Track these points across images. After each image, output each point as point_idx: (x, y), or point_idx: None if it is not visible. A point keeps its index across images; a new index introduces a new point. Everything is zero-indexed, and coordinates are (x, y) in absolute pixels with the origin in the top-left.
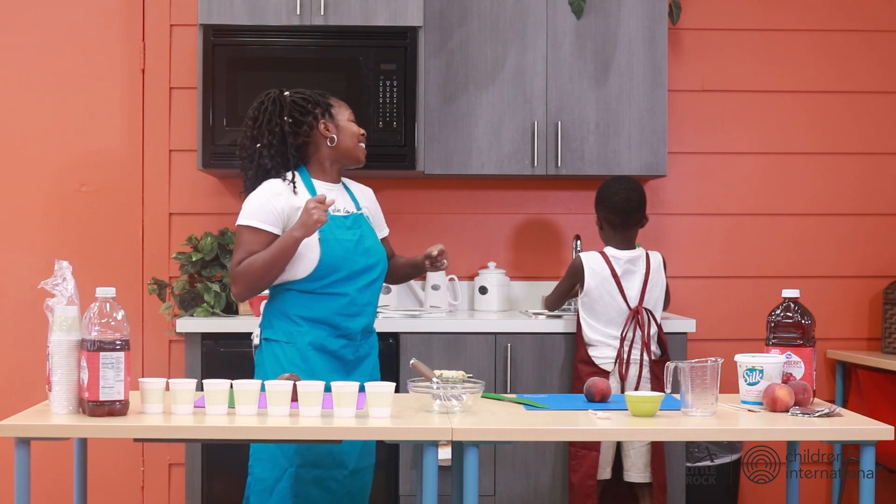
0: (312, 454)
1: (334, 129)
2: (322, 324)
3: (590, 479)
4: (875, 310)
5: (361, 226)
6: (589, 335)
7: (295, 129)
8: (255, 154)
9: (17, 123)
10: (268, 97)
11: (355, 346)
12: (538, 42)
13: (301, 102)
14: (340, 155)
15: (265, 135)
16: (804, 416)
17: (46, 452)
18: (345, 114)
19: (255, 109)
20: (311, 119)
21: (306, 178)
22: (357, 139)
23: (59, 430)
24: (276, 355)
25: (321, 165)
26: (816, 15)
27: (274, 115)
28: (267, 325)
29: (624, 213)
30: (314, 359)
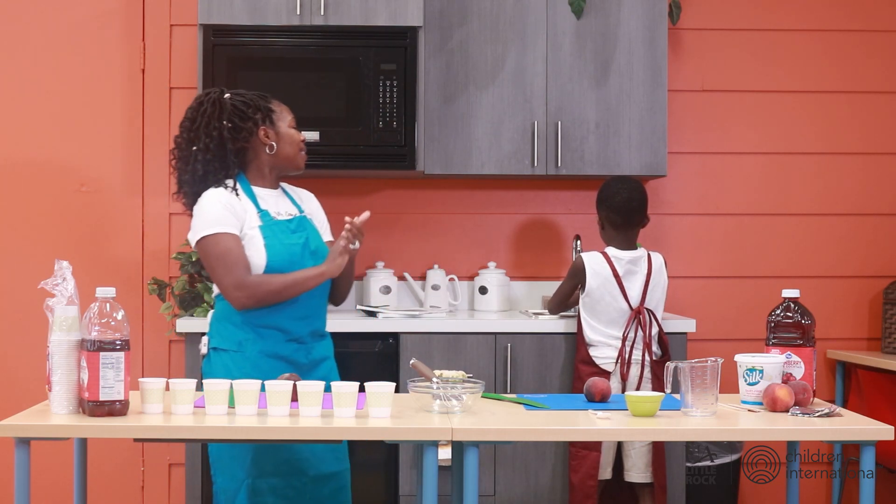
0: (270, 464)
1: (274, 136)
2: (271, 329)
3: (590, 479)
4: (875, 310)
5: (306, 228)
6: (590, 335)
7: (234, 134)
8: (190, 157)
9: (17, 123)
10: (207, 98)
11: (307, 350)
12: (538, 42)
13: (241, 107)
14: (280, 162)
15: (202, 138)
16: (804, 416)
17: (46, 452)
18: (286, 119)
19: (194, 110)
20: (250, 125)
21: (245, 185)
22: (297, 146)
23: (59, 430)
24: (227, 365)
25: (260, 171)
26: (816, 15)
27: (213, 119)
28: (215, 334)
29: (625, 213)
30: (266, 366)
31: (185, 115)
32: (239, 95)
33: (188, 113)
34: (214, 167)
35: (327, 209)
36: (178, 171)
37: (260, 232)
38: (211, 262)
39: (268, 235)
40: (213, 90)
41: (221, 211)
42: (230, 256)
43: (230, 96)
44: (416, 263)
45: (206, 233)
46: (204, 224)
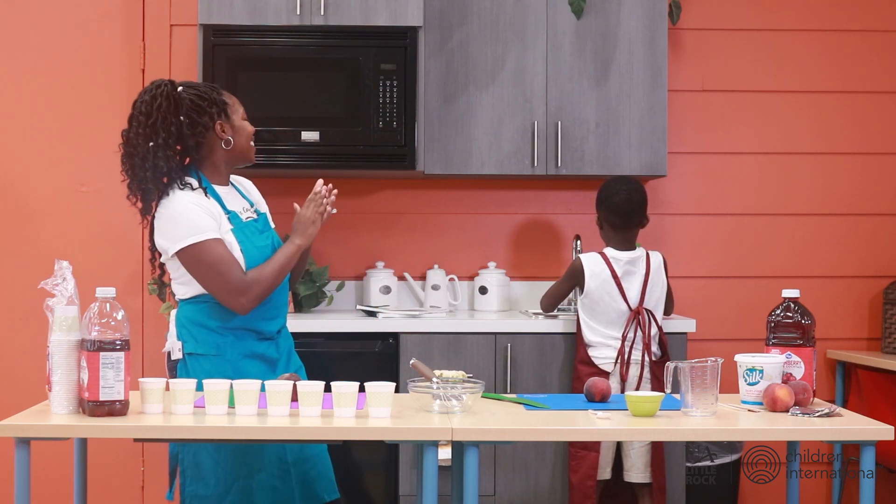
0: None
1: (230, 130)
2: (245, 330)
3: (589, 479)
4: (875, 310)
5: (267, 226)
6: (589, 336)
7: (190, 129)
8: (148, 153)
9: (18, 123)
10: (160, 92)
11: (276, 345)
12: (538, 42)
13: (198, 101)
14: (234, 156)
15: (160, 134)
16: (804, 416)
17: (46, 452)
18: (239, 111)
19: (148, 105)
20: (207, 119)
21: (205, 183)
22: (250, 139)
23: (59, 430)
24: (206, 369)
25: (216, 167)
26: (817, 15)
27: (169, 114)
28: (189, 338)
29: (625, 213)
30: (246, 367)
31: (137, 108)
32: (192, 88)
33: (141, 107)
34: (174, 162)
35: None
36: (134, 168)
37: (234, 236)
38: (203, 271)
39: (241, 239)
40: (163, 83)
41: (201, 216)
42: (223, 263)
43: (183, 89)
44: (416, 263)
45: (192, 241)
46: (187, 232)
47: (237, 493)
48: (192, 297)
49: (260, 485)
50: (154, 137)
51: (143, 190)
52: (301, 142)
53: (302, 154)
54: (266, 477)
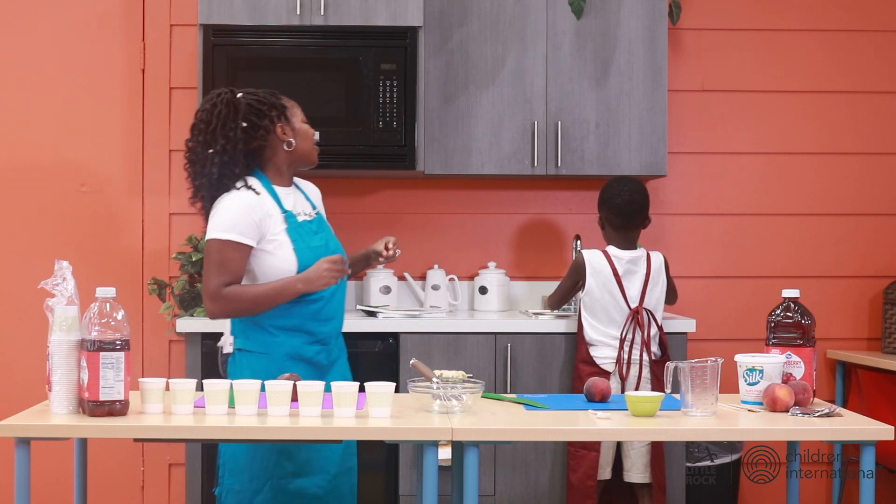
0: (292, 465)
1: (291, 132)
2: (297, 331)
3: (589, 479)
4: (875, 310)
5: (324, 228)
6: (590, 335)
7: (251, 133)
8: (207, 160)
9: (18, 123)
10: (220, 99)
11: (328, 351)
12: (538, 42)
13: (257, 105)
14: (296, 158)
15: (219, 140)
16: (804, 416)
17: (46, 452)
18: (298, 115)
19: (208, 113)
20: (267, 122)
21: (267, 185)
22: (312, 141)
23: (59, 430)
24: (252, 367)
25: (278, 170)
26: (817, 15)
27: (228, 120)
28: (241, 334)
29: (626, 214)
30: (291, 368)
31: (198, 117)
32: (252, 94)
33: (201, 115)
34: (230, 169)
35: (327, 209)
36: (194, 175)
37: (287, 235)
38: (205, 263)
39: (295, 239)
40: (222, 91)
41: (239, 217)
42: (218, 267)
43: (243, 95)
44: (416, 263)
45: (215, 236)
46: (217, 226)
47: (269, 492)
48: None
49: (297, 489)
50: (213, 144)
51: (202, 197)
52: None
53: None
54: (305, 482)
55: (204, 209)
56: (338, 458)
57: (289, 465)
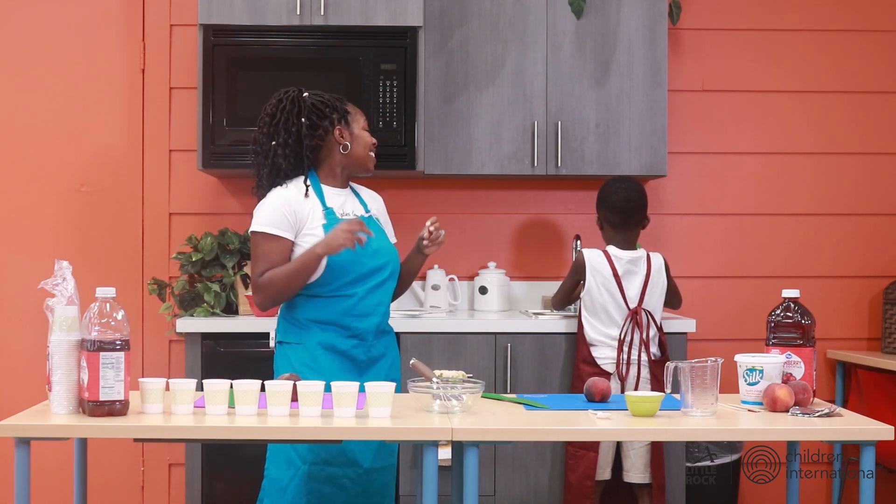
0: (325, 452)
1: (349, 136)
2: (331, 325)
3: (587, 479)
4: (875, 310)
5: (370, 227)
6: (591, 335)
7: (311, 131)
8: (269, 151)
9: (18, 123)
10: (286, 96)
11: (367, 347)
12: (538, 42)
13: (319, 106)
14: (352, 162)
15: (281, 133)
16: (804, 416)
17: (46, 452)
18: (360, 122)
19: (274, 107)
20: (327, 123)
21: (315, 183)
22: (369, 148)
23: (59, 430)
24: (288, 357)
25: (332, 170)
26: (817, 15)
27: (291, 115)
28: (280, 329)
29: (623, 212)
30: (324, 358)
31: (265, 110)
32: (317, 95)
33: (268, 108)
34: (290, 163)
35: None
36: (258, 165)
37: (323, 231)
38: (252, 256)
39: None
40: (291, 89)
41: (279, 211)
42: (260, 259)
43: (308, 95)
44: None
45: (256, 229)
46: (258, 220)
47: (302, 477)
48: None
49: (328, 477)
50: (276, 136)
51: (263, 184)
52: None
53: None
54: (334, 471)
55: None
56: (372, 453)
57: (323, 453)
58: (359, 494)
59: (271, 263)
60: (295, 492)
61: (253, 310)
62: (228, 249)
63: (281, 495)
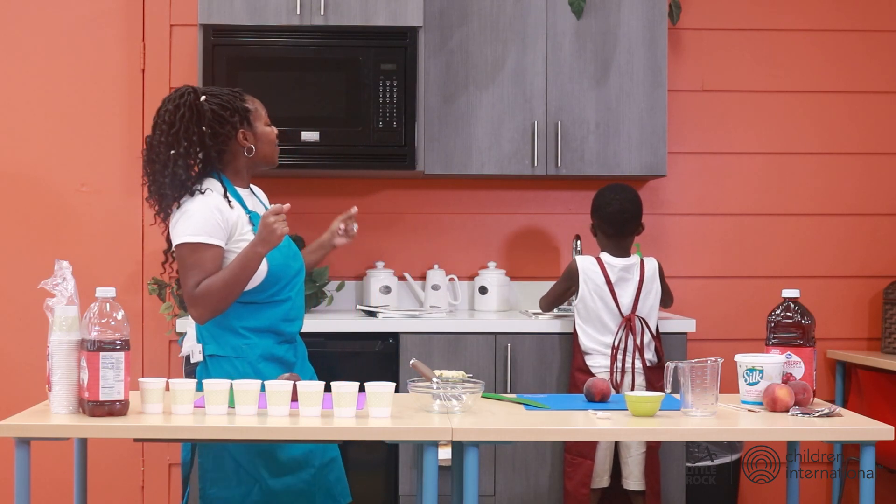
0: (276, 464)
1: (252, 138)
2: (268, 332)
3: (583, 486)
4: (875, 310)
5: None
6: (585, 343)
7: (213, 140)
8: (169, 161)
9: (18, 123)
10: (183, 102)
11: (294, 348)
12: (538, 42)
13: (220, 111)
14: (257, 161)
15: (181, 142)
16: (804, 416)
17: (46, 452)
18: (262, 117)
19: (171, 114)
20: (229, 129)
21: (230, 187)
22: (274, 143)
23: (59, 430)
24: (227, 371)
25: (237, 172)
26: (816, 15)
27: (191, 124)
28: (210, 340)
29: (618, 224)
30: (265, 369)
31: (161, 117)
32: (215, 97)
33: (164, 116)
34: (191, 171)
35: (327, 209)
36: (154, 174)
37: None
38: (179, 270)
39: None
40: (186, 91)
41: (210, 220)
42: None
43: (206, 98)
44: (416, 263)
45: (184, 240)
46: (184, 231)
47: (259, 493)
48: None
49: (284, 487)
50: (176, 146)
51: (162, 195)
52: (301, 142)
53: (302, 154)
54: (291, 479)
55: (160, 209)
56: (319, 450)
57: (272, 465)
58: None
59: (206, 273)
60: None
61: None
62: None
63: None
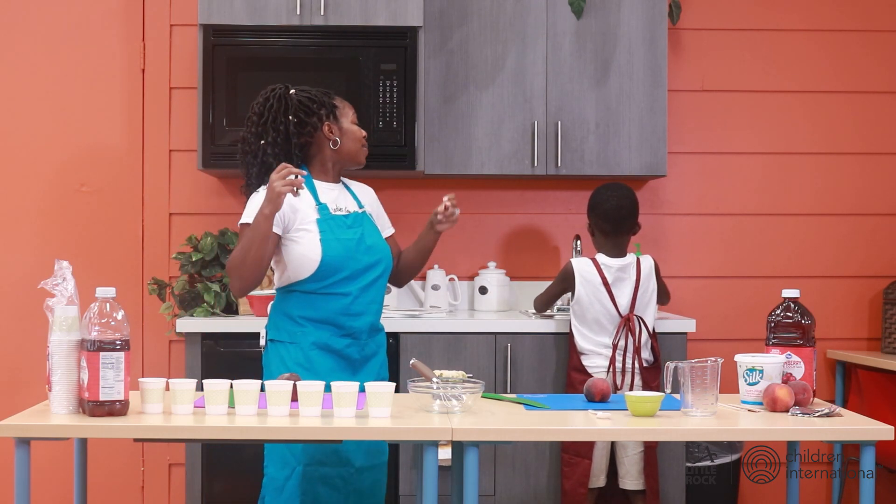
0: (319, 453)
1: (338, 131)
2: (325, 324)
3: (581, 486)
4: (875, 310)
5: (363, 224)
6: (581, 344)
7: (299, 129)
8: (258, 150)
9: (18, 123)
10: (273, 94)
11: (361, 345)
12: (538, 42)
13: (307, 102)
14: (342, 157)
15: (269, 132)
16: (804, 416)
17: (46, 452)
18: (349, 115)
19: (261, 105)
20: (315, 120)
21: (308, 179)
22: (360, 142)
23: (59, 430)
24: (281, 356)
25: (323, 166)
26: (816, 15)
27: (279, 114)
28: (272, 327)
29: (615, 220)
30: (318, 358)
31: (252, 109)
32: (304, 91)
33: (255, 108)
34: (280, 161)
35: None
36: (247, 164)
37: (317, 226)
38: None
39: (324, 230)
40: (277, 86)
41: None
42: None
43: (295, 92)
44: None
45: (242, 220)
46: (246, 212)
47: (297, 477)
48: (281, 286)
49: (322, 477)
50: (265, 136)
51: (253, 184)
52: None
53: None
54: (329, 472)
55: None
56: (363, 452)
57: (317, 454)
58: (350, 493)
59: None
60: (291, 492)
61: (253, 309)
62: (228, 249)
63: (278, 494)
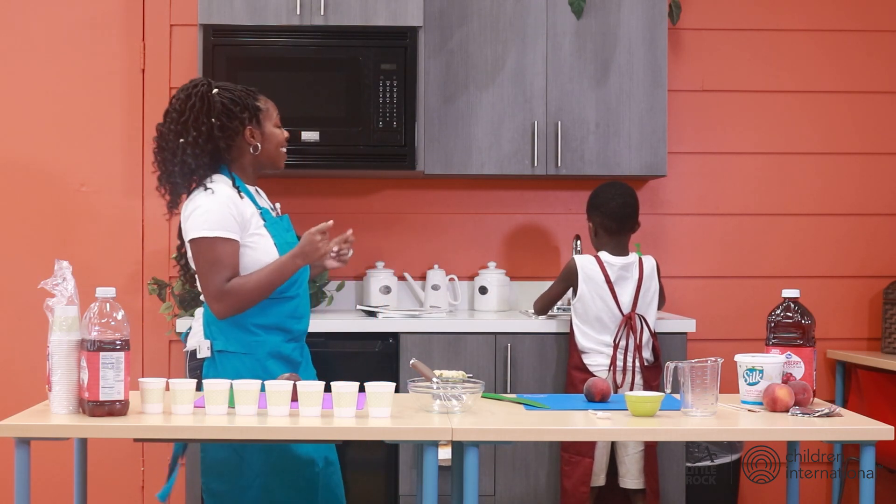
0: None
1: (259, 136)
2: (276, 329)
3: (582, 485)
4: (875, 310)
5: (290, 226)
6: (582, 342)
7: (221, 132)
8: (177, 149)
9: (18, 123)
10: (196, 92)
11: (301, 347)
12: (538, 42)
13: (230, 105)
14: (262, 161)
15: (190, 131)
16: (804, 416)
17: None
18: (272, 117)
19: (182, 103)
20: (237, 124)
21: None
22: (281, 145)
23: (59, 430)
24: (236, 368)
25: (243, 169)
26: (816, 15)
27: (201, 114)
28: (219, 336)
29: (620, 218)
30: (273, 367)
31: (172, 105)
32: (227, 91)
33: (175, 104)
34: (204, 161)
35: (327, 209)
36: (164, 162)
37: (268, 231)
38: (199, 266)
39: (274, 234)
40: (200, 82)
41: (225, 214)
42: (216, 265)
43: (218, 92)
44: (416, 263)
45: (202, 234)
46: (201, 225)
47: (258, 489)
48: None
49: (284, 484)
50: (184, 134)
51: (172, 184)
52: (301, 142)
53: (302, 154)
54: (293, 477)
55: (170, 199)
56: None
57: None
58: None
59: (230, 268)
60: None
61: None
62: None
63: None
